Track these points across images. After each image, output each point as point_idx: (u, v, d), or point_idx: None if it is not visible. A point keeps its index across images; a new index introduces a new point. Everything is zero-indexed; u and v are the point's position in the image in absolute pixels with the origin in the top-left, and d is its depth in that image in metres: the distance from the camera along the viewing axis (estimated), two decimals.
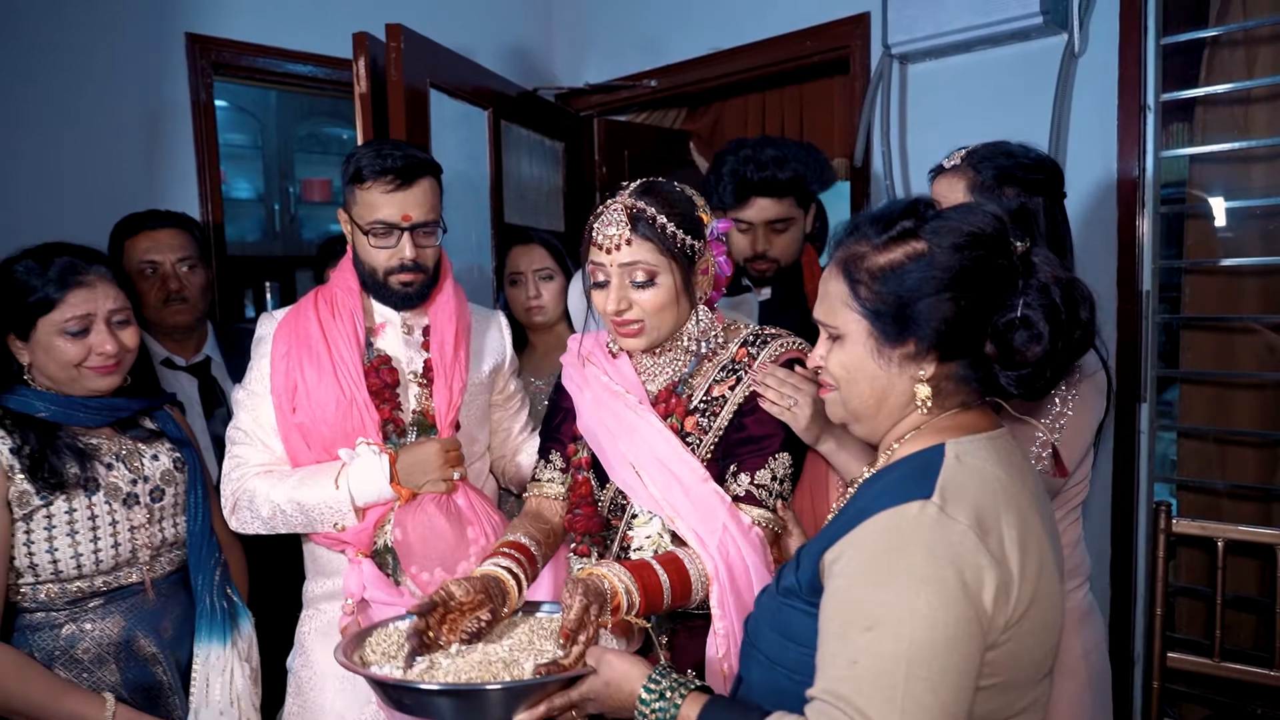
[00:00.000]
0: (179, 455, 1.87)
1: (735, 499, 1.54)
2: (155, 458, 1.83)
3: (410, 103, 2.54)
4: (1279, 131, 2.34)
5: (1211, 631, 2.03)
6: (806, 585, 1.12)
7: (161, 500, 1.81)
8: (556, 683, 1.27)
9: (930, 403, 1.13)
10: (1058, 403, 1.60)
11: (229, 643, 1.83)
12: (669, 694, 1.17)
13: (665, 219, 1.52)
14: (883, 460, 1.18)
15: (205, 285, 2.47)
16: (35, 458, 1.66)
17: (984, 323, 1.10)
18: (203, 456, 1.96)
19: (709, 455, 1.58)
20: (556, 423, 1.75)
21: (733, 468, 1.57)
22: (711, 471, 1.56)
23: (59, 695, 1.65)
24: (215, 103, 2.92)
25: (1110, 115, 2.41)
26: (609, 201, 1.55)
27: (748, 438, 1.57)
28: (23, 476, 1.66)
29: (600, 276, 1.55)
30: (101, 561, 1.72)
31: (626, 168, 3.75)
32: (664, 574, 1.45)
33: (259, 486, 1.79)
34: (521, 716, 1.25)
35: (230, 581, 1.93)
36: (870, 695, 0.96)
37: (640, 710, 1.18)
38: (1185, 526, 2.07)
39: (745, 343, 1.63)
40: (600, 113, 3.72)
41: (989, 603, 0.99)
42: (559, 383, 1.77)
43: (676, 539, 1.55)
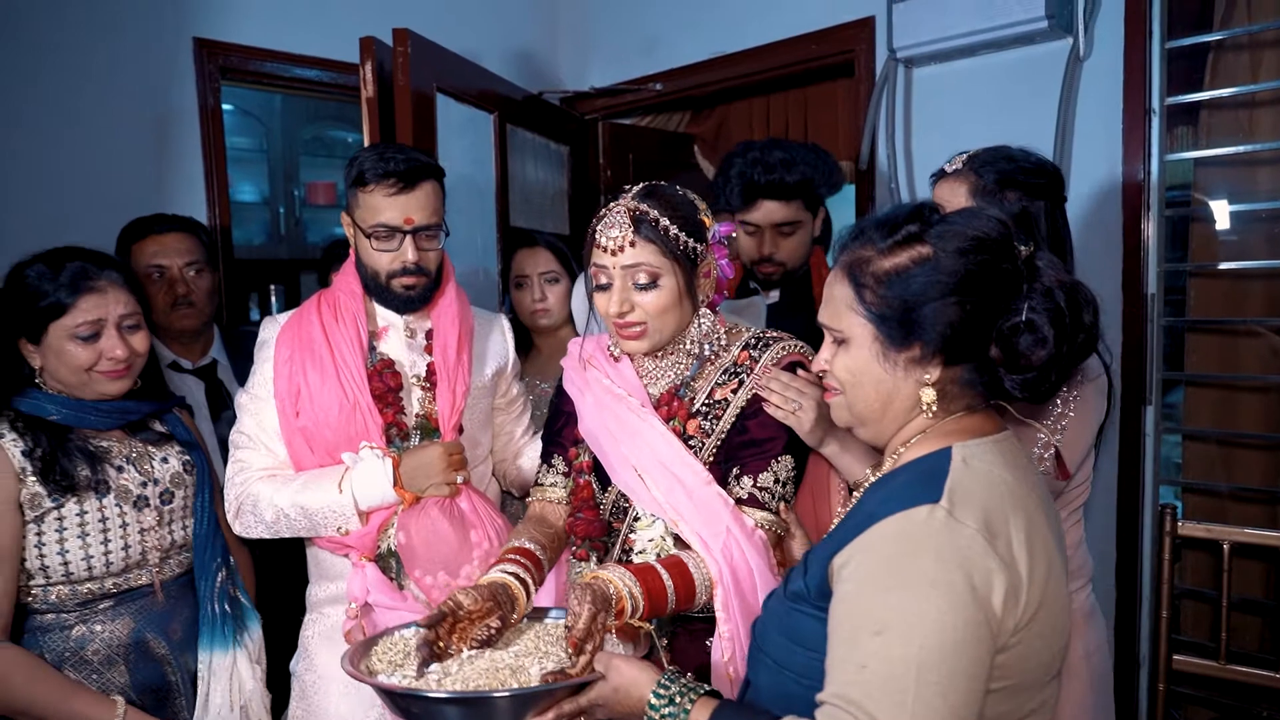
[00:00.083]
0: (188, 458, 1.88)
1: (738, 501, 1.53)
2: (165, 460, 1.84)
3: (417, 107, 2.55)
4: None
5: (1217, 634, 2.04)
6: (815, 590, 1.12)
7: (171, 503, 1.82)
8: (565, 689, 1.26)
9: (935, 406, 1.13)
10: (1059, 405, 1.59)
11: (230, 650, 1.83)
12: (678, 699, 1.17)
13: (668, 221, 1.52)
14: (889, 464, 1.18)
15: (212, 289, 2.47)
16: (47, 460, 1.67)
17: (989, 327, 1.10)
18: (210, 459, 1.96)
19: (711, 458, 1.57)
20: (558, 426, 1.75)
21: (735, 470, 1.56)
22: (714, 474, 1.55)
23: (69, 696, 1.66)
24: (221, 106, 2.93)
25: (1115, 119, 2.42)
26: (611, 204, 1.55)
27: (750, 440, 1.57)
28: (35, 479, 1.67)
29: (603, 279, 1.55)
30: (112, 563, 1.73)
31: (631, 171, 3.75)
32: (668, 578, 1.44)
33: (263, 491, 1.80)
34: None
35: (239, 583, 1.93)
36: (880, 699, 0.96)
37: (649, 716, 1.18)
38: (1191, 529, 2.07)
39: (747, 345, 1.62)
40: (605, 116, 3.72)
41: (998, 606, 0.99)
42: (560, 386, 1.77)
43: (679, 542, 1.55)
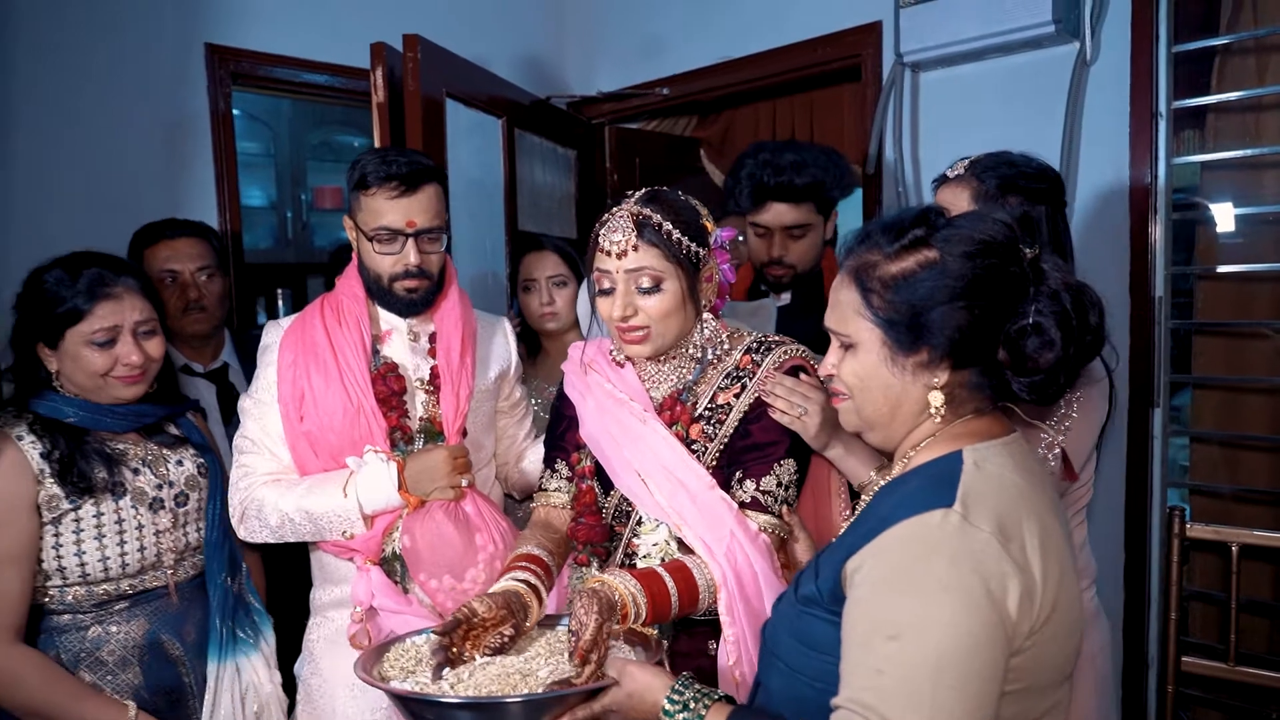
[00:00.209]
0: (202, 461, 1.89)
1: (741, 505, 1.53)
2: (180, 463, 1.85)
3: (426, 112, 2.56)
4: None
5: (1225, 636, 2.04)
6: (828, 594, 1.11)
7: (185, 505, 1.83)
8: (579, 695, 1.26)
9: (944, 410, 1.13)
10: (1063, 406, 1.60)
11: (234, 659, 1.83)
12: (692, 704, 1.18)
13: (671, 226, 1.52)
14: (899, 468, 1.18)
15: (223, 293, 2.49)
16: (65, 462, 1.68)
17: (996, 330, 1.10)
18: (223, 462, 1.97)
19: (714, 462, 1.57)
20: (560, 431, 1.74)
21: (738, 474, 1.56)
22: (717, 479, 1.55)
23: (81, 700, 1.67)
24: (232, 112, 2.94)
25: (1122, 122, 2.42)
26: (614, 209, 1.56)
27: (753, 444, 1.57)
28: (53, 480, 1.68)
29: (606, 283, 1.55)
30: (128, 565, 1.73)
31: (637, 175, 3.77)
32: (672, 583, 1.44)
33: (267, 495, 1.79)
34: None
35: (251, 587, 1.94)
36: (896, 704, 0.96)
37: None
38: (1199, 531, 2.08)
39: (749, 350, 1.62)
40: (611, 121, 3.73)
41: (1013, 609, 0.99)
42: (560, 390, 1.77)
43: (683, 546, 1.55)
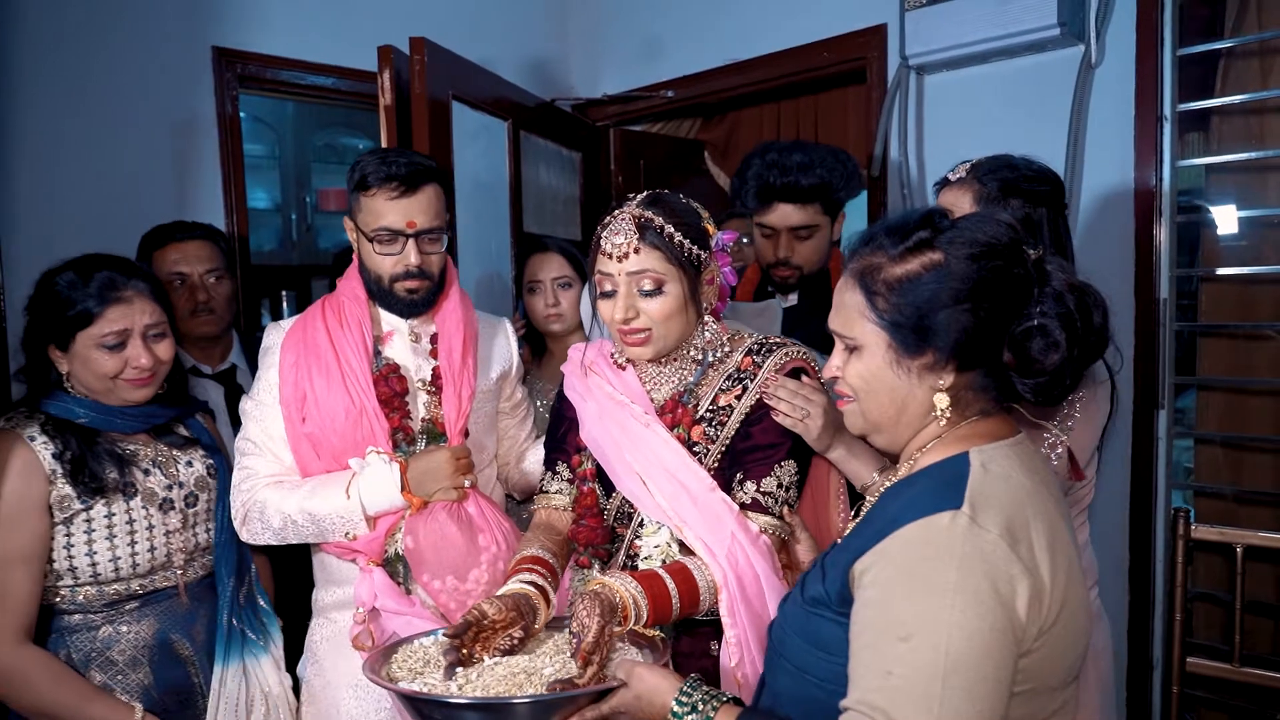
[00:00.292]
0: (211, 462, 1.90)
1: (741, 506, 1.54)
2: (190, 464, 1.86)
3: (433, 114, 2.57)
4: None
5: (1230, 636, 2.04)
6: (835, 595, 1.11)
7: (195, 506, 1.84)
8: (587, 696, 1.26)
9: (950, 412, 1.13)
10: (1065, 406, 1.60)
11: (239, 662, 1.84)
12: (701, 706, 1.18)
13: (673, 228, 1.53)
14: (905, 469, 1.18)
15: (231, 295, 2.49)
16: (76, 463, 1.69)
17: (1001, 332, 1.10)
18: (232, 464, 1.95)
19: (716, 464, 1.58)
20: (561, 433, 1.75)
21: (739, 475, 1.57)
22: (718, 480, 1.56)
23: (89, 701, 1.68)
24: (239, 115, 2.95)
25: (1127, 125, 2.43)
26: (616, 212, 1.56)
27: (754, 446, 1.57)
28: (65, 481, 1.69)
29: (608, 286, 1.55)
30: (138, 565, 1.74)
31: (642, 177, 3.78)
32: (672, 584, 1.45)
33: (269, 497, 1.79)
34: None
35: (259, 588, 1.95)
36: (906, 706, 0.96)
37: None
38: (1204, 533, 2.08)
39: (750, 351, 1.62)
40: (616, 123, 3.74)
41: (1022, 611, 0.99)
42: (560, 392, 1.77)
43: (684, 548, 1.55)
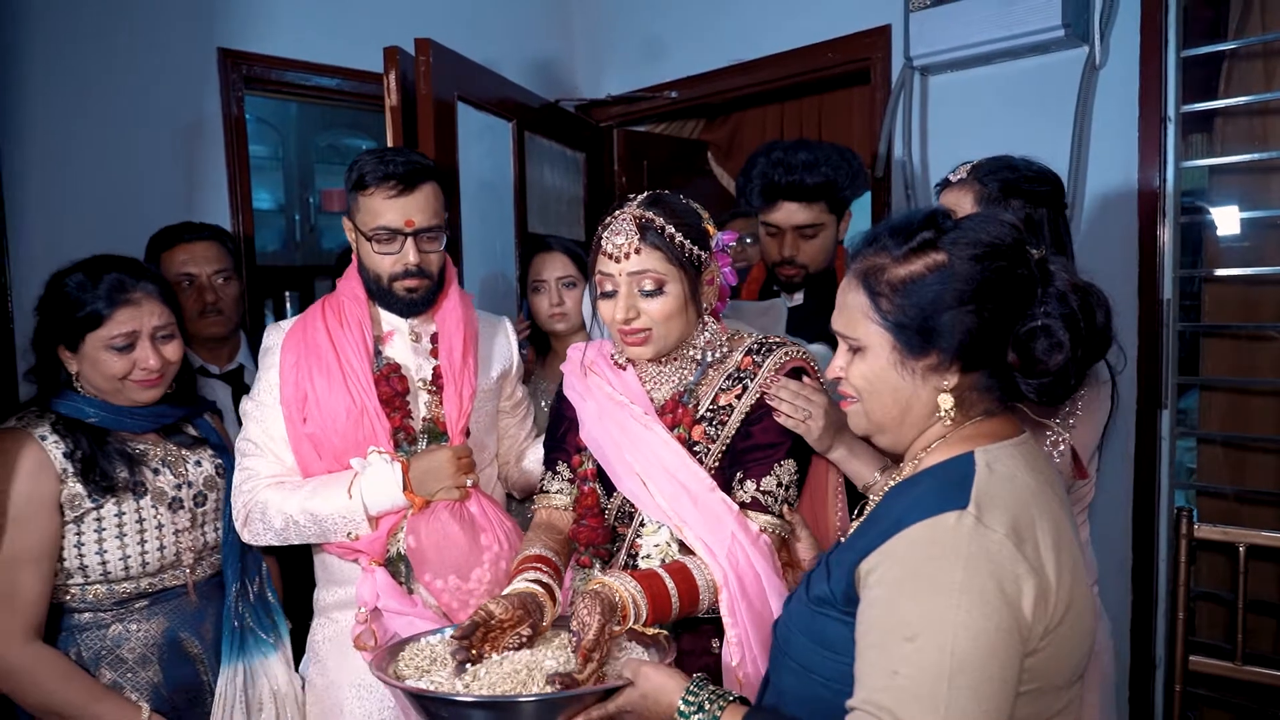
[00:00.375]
0: (220, 461, 1.90)
1: (741, 505, 1.55)
2: (199, 464, 1.87)
3: (438, 115, 2.58)
4: None
5: (1232, 635, 2.05)
6: (841, 595, 1.12)
7: (204, 505, 1.85)
8: (593, 695, 1.27)
9: (954, 413, 1.13)
10: (1067, 405, 1.61)
11: (241, 662, 1.84)
12: (707, 705, 1.18)
13: (673, 229, 1.53)
14: (909, 469, 1.18)
15: (238, 296, 2.50)
16: (87, 462, 1.70)
17: (1005, 332, 1.10)
18: None
19: (716, 464, 1.58)
20: (561, 432, 1.75)
21: (739, 474, 1.57)
22: (718, 480, 1.56)
23: (96, 700, 1.68)
24: (244, 116, 2.96)
25: (1131, 126, 2.43)
26: (617, 212, 1.57)
27: (755, 445, 1.58)
28: (75, 480, 1.69)
29: (608, 286, 1.56)
30: (148, 564, 1.75)
31: (645, 177, 3.78)
32: (672, 583, 1.45)
33: (271, 498, 1.79)
34: None
35: (270, 587, 1.95)
36: (913, 705, 0.96)
37: None
38: (1207, 532, 2.09)
39: (749, 351, 1.63)
40: (620, 123, 3.75)
41: (1028, 611, 1.00)
42: (560, 392, 1.77)
43: (685, 547, 1.55)
